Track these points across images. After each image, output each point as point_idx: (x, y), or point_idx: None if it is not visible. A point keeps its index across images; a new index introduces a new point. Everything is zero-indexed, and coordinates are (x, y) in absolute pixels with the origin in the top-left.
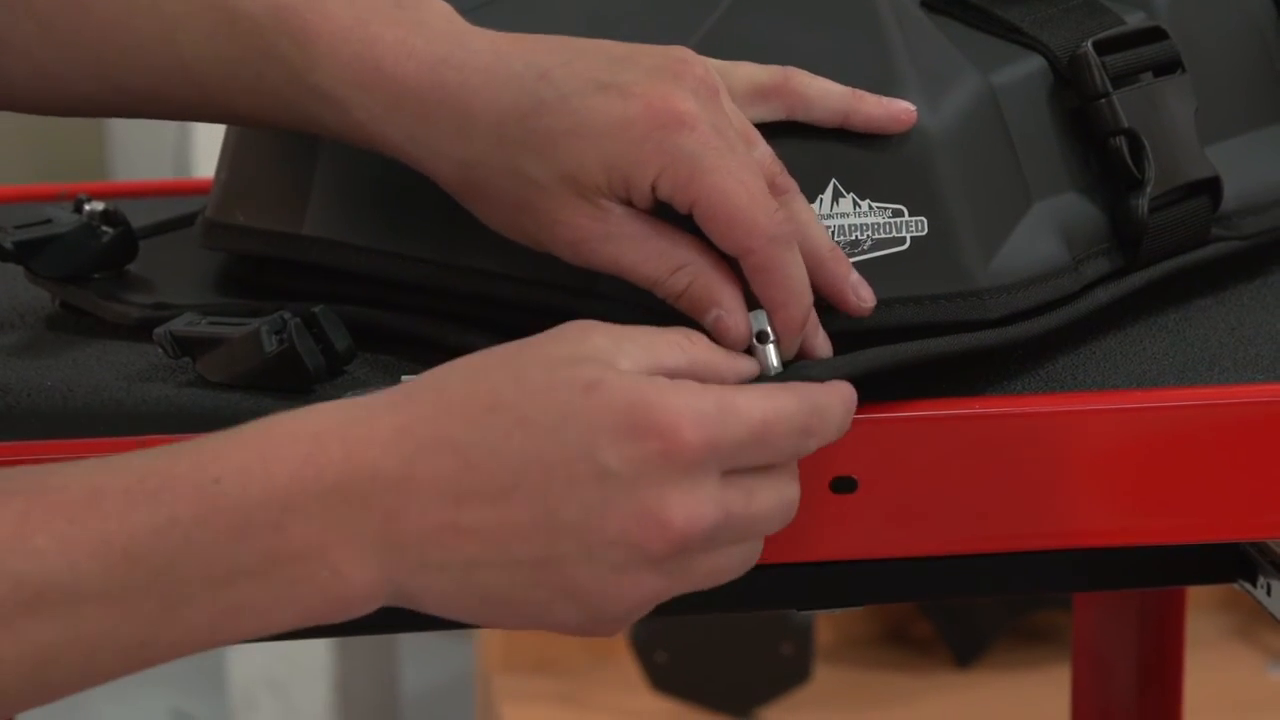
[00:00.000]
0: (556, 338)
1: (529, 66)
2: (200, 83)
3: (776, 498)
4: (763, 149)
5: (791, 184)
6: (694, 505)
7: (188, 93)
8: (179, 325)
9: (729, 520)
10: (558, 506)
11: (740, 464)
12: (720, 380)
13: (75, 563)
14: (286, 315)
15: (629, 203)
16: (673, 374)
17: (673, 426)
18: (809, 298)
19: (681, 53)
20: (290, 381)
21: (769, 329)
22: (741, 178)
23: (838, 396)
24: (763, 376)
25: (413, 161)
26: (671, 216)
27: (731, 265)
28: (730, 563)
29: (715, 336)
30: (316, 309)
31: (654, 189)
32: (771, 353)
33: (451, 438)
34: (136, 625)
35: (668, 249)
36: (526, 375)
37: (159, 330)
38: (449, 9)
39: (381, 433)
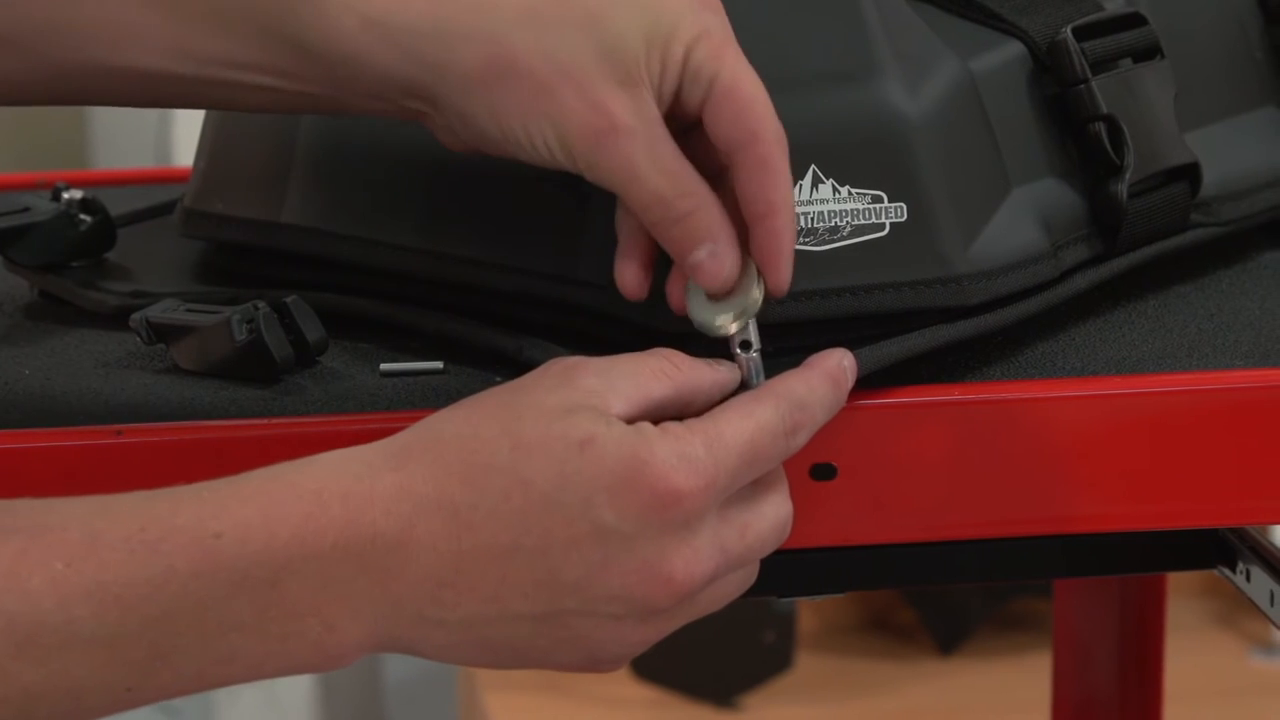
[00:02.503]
0: (547, 383)
1: None
2: (175, 18)
3: (769, 523)
4: None
5: None
6: (693, 556)
7: (158, 37)
8: (155, 312)
9: (727, 559)
10: (559, 566)
11: (735, 488)
12: (707, 399)
13: (68, 607)
14: (258, 305)
15: (660, 87)
16: (661, 405)
17: (665, 480)
18: (794, 211)
19: None
20: (259, 372)
21: (752, 338)
22: (758, 78)
23: (818, 378)
24: (745, 385)
25: (424, 56)
26: None
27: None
28: (728, 590)
29: (699, 275)
30: (289, 299)
31: (685, 60)
32: (755, 362)
33: (450, 498)
34: (125, 671)
35: (682, 171)
36: (521, 430)
37: (135, 316)
38: None
39: (382, 492)
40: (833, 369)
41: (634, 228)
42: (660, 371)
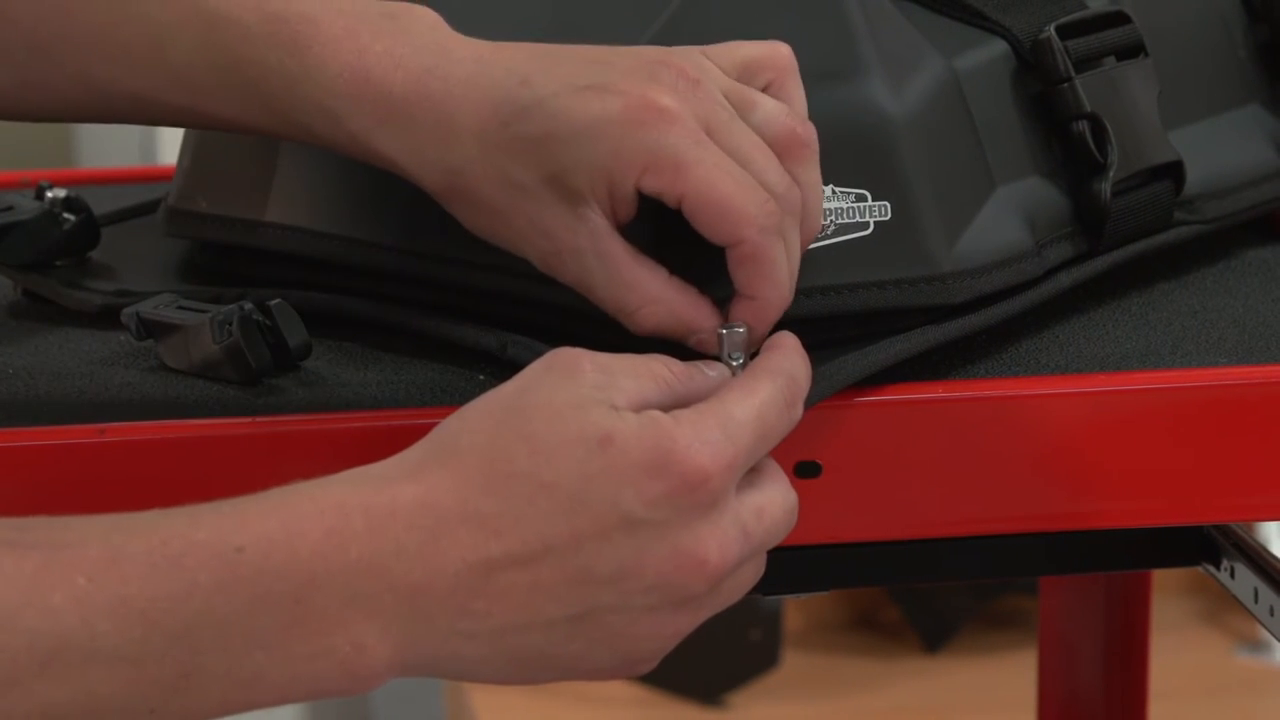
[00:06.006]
0: (551, 380)
1: (509, 73)
2: (190, 90)
3: (781, 509)
4: (769, 108)
5: (811, 135)
6: (723, 537)
7: (176, 99)
8: (147, 307)
9: (749, 542)
10: (591, 562)
11: (749, 466)
12: (708, 391)
13: (91, 623)
14: (243, 306)
15: (612, 207)
16: (659, 408)
17: (691, 462)
18: (788, 288)
19: (660, 52)
20: (237, 374)
21: (739, 328)
22: (728, 168)
23: (792, 352)
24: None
25: (402, 170)
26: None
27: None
28: (747, 579)
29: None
30: (273, 302)
31: (639, 188)
32: (739, 353)
33: (475, 508)
34: (148, 691)
35: (639, 280)
36: (535, 433)
37: (127, 311)
38: (435, 16)
39: (403, 504)
40: (794, 343)
41: None
42: (660, 377)
